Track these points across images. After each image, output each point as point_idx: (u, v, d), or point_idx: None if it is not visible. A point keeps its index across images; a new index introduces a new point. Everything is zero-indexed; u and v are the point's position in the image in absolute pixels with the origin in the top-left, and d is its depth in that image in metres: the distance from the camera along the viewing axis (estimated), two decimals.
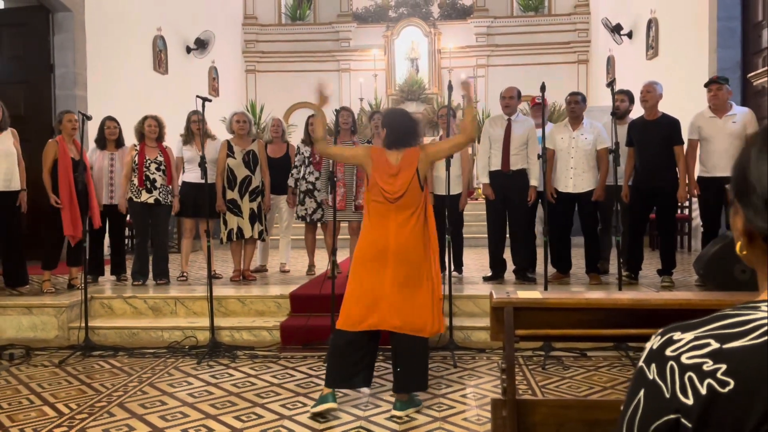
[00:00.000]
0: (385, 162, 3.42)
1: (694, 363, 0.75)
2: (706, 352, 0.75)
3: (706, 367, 0.74)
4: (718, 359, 0.74)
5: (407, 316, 3.29)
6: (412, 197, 3.38)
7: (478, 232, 7.86)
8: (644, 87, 5.31)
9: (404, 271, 3.31)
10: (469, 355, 4.35)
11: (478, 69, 13.01)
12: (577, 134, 5.35)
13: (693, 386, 0.75)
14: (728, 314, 0.79)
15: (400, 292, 3.30)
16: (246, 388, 3.74)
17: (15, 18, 7.59)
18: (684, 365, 0.76)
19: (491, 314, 1.92)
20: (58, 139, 5.38)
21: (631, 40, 10.15)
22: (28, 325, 4.93)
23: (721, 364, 0.74)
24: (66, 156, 5.31)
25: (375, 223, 3.41)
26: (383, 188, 3.38)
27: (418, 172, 3.39)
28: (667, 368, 0.77)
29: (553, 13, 13.23)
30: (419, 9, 13.63)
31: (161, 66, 9.77)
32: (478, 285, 5.48)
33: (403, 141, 3.45)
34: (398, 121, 3.53)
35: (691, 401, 0.75)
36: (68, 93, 7.53)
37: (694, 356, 0.76)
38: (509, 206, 5.47)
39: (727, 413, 0.73)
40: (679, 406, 0.75)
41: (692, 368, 0.75)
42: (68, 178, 5.26)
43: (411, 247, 3.34)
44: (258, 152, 5.85)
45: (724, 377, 0.73)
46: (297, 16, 13.91)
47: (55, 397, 3.61)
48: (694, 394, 0.75)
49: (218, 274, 5.98)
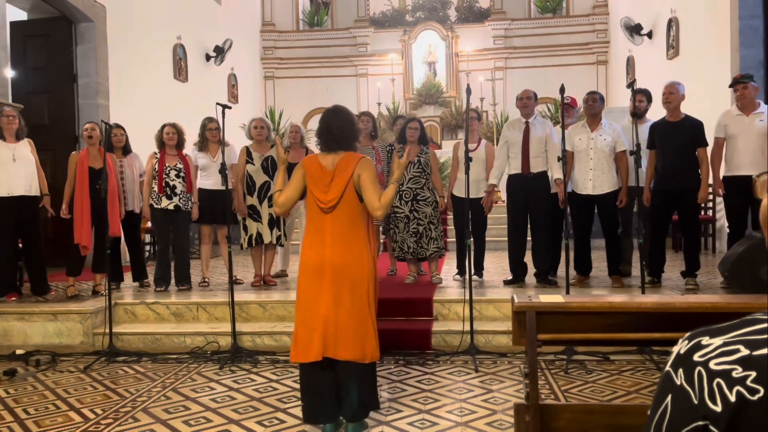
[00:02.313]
0: (318, 167, 3.11)
1: (723, 369, 0.74)
2: (736, 359, 0.74)
3: (735, 374, 0.73)
4: (747, 366, 0.73)
5: (352, 344, 2.97)
6: (349, 206, 3.05)
7: (499, 236, 7.83)
8: (666, 88, 5.24)
9: (345, 290, 3.00)
10: (491, 359, 4.33)
11: (496, 71, 12.97)
12: (596, 135, 5.29)
13: (722, 393, 0.74)
14: (758, 319, 0.78)
15: (342, 316, 2.99)
16: (268, 393, 3.75)
17: (39, 29, 7.74)
18: (713, 371, 0.75)
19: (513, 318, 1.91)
20: (83, 150, 5.51)
21: (651, 40, 10.04)
22: (54, 331, 5.01)
23: (751, 372, 0.73)
24: (82, 166, 5.42)
25: (311, 235, 3.09)
26: (317, 196, 3.07)
27: (352, 178, 3.04)
28: (695, 374, 0.76)
29: (572, 14, 13.15)
30: (436, 13, 13.63)
31: (181, 74, 9.89)
32: (499, 289, 5.45)
33: (339, 143, 3.13)
34: (336, 120, 3.18)
35: (719, 408, 0.74)
36: (91, 102, 7.65)
37: (722, 362, 0.75)
38: (530, 209, 5.43)
39: (757, 421, 0.72)
40: (708, 413, 0.75)
41: (721, 375, 0.74)
42: (82, 189, 5.36)
43: (350, 264, 3.02)
44: (277, 158, 5.87)
45: (754, 384, 0.72)
46: (315, 22, 13.99)
47: (81, 402, 3.66)
48: (722, 401, 0.74)
49: (239, 280, 6.02)
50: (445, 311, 4.98)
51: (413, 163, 5.53)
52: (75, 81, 7.67)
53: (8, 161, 5.27)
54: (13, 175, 5.27)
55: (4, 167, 5.25)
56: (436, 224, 5.54)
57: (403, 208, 5.53)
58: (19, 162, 5.31)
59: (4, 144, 5.30)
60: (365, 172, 3.05)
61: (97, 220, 5.42)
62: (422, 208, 5.51)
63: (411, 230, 5.50)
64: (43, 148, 5.67)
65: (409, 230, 5.50)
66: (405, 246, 5.54)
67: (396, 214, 5.56)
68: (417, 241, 5.51)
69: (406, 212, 5.52)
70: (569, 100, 5.77)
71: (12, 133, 5.35)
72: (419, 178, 5.53)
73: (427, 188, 5.54)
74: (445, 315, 4.97)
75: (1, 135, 5.32)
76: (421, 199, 5.51)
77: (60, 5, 7.38)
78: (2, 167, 5.25)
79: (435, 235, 5.52)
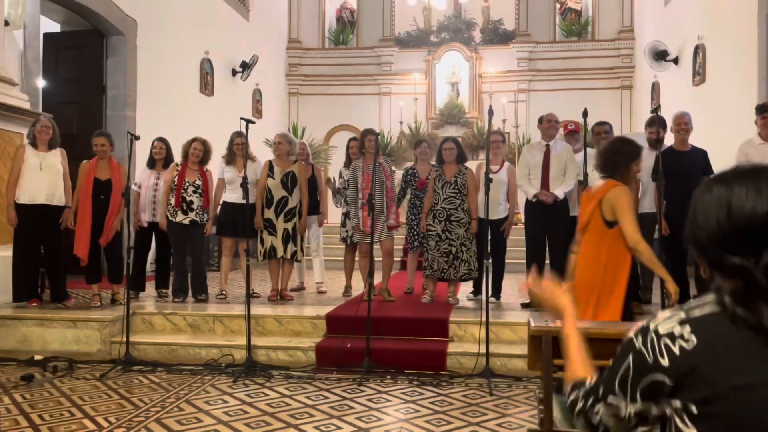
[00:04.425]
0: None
1: (668, 331, 0.96)
2: (676, 321, 0.96)
3: (676, 332, 0.95)
4: (684, 324, 0.95)
5: None
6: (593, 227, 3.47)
7: (518, 258, 7.76)
8: (684, 118, 5.26)
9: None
10: (506, 382, 4.28)
11: (519, 93, 12.96)
12: None
13: (668, 349, 0.94)
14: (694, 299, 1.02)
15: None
16: (281, 408, 3.74)
17: (71, 41, 7.93)
18: (660, 334, 0.97)
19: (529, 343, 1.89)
20: (93, 160, 5.57)
21: (677, 66, 9.98)
22: (72, 338, 5.06)
23: (687, 326, 0.94)
24: (88, 177, 5.49)
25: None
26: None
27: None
28: (648, 339, 0.98)
29: (597, 39, 13.12)
30: (461, 34, 13.69)
31: (207, 88, 10.04)
32: (516, 311, 5.40)
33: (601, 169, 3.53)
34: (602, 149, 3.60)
35: (667, 362, 0.94)
36: (119, 113, 7.79)
37: (667, 326, 0.97)
38: (550, 234, 5.40)
39: (695, 366, 0.91)
40: (659, 367, 0.95)
41: (667, 335, 0.96)
42: (85, 199, 5.43)
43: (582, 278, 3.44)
44: (298, 174, 5.92)
45: (689, 335, 0.93)
46: (340, 41, 14.13)
47: (96, 410, 3.68)
48: (669, 356, 0.94)
49: (256, 294, 6.05)
50: (461, 332, 4.94)
51: (449, 183, 5.51)
52: (104, 92, 7.83)
53: (35, 169, 5.38)
54: (37, 183, 5.37)
55: (30, 175, 5.36)
56: (469, 246, 5.47)
57: (435, 227, 5.50)
58: (46, 171, 5.41)
59: (35, 152, 5.42)
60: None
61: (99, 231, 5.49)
62: (455, 229, 5.46)
63: (442, 250, 5.46)
64: (70, 157, 5.77)
65: (440, 250, 5.47)
66: (435, 265, 5.50)
67: (429, 232, 5.55)
68: (448, 261, 5.46)
69: (438, 231, 5.48)
70: (573, 126, 5.78)
71: (45, 142, 5.46)
72: (454, 198, 5.49)
73: (461, 209, 5.48)
74: (461, 336, 4.93)
75: (34, 143, 5.44)
76: (454, 220, 5.47)
77: (93, 18, 7.56)
78: (29, 175, 5.36)
79: (466, 257, 5.45)
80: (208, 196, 5.88)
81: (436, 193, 5.53)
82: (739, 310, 0.92)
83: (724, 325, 0.92)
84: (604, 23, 13.06)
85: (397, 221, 5.85)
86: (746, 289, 0.92)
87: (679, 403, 0.93)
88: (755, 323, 0.90)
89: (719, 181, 0.98)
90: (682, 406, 0.92)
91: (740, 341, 0.90)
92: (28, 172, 5.35)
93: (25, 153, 5.40)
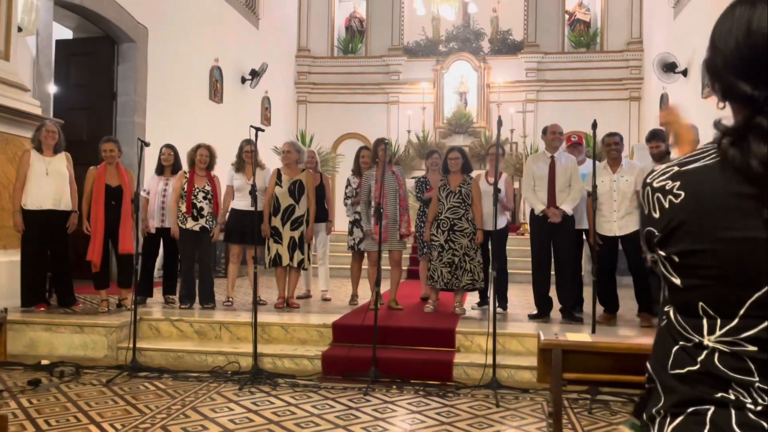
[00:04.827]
0: None
1: (660, 185, 0.96)
2: (669, 175, 0.96)
3: (668, 187, 0.95)
4: (675, 178, 0.95)
5: None
6: None
7: (524, 268, 7.74)
8: None
9: None
10: (513, 394, 4.25)
11: (527, 104, 12.96)
12: (618, 176, 5.27)
13: (659, 203, 0.96)
14: (698, 150, 0.98)
15: None
16: (286, 417, 3.73)
17: (83, 48, 7.99)
18: (654, 188, 0.97)
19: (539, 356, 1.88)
20: (101, 166, 5.59)
21: (686, 78, 9.96)
22: (80, 343, 5.07)
23: (677, 181, 0.94)
24: (98, 183, 5.51)
25: None
26: None
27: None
28: (646, 192, 0.99)
29: (606, 50, 13.12)
30: (469, 44, 13.71)
31: (216, 95, 10.08)
32: (523, 323, 5.38)
33: None
34: None
35: (658, 215, 0.96)
36: (128, 120, 7.84)
37: (660, 180, 0.97)
38: (556, 245, 5.38)
39: (683, 220, 0.92)
40: (652, 220, 0.97)
41: (659, 189, 0.96)
42: (97, 205, 5.45)
43: None
44: (305, 182, 5.93)
45: (679, 191, 0.94)
46: (349, 50, 14.19)
47: (102, 416, 3.68)
48: (660, 209, 0.96)
49: (262, 301, 6.05)
50: (468, 343, 4.92)
51: (453, 192, 5.51)
52: (114, 99, 7.88)
53: (41, 175, 5.40)
54: (43, 189, 5.39)
55: (36, 181, 5.38)
56: (472, 256, 5.46)
57: (439, 237, 5.49)
58: (52, 176, 5.43)
59: (40, 157, 5.44)
60: None
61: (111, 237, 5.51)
62: (458, 239, 5.46)
63: (445, 260, 5.46)
64: (78, 162, 5.80)
65: (443, 260, 5.46)
66: (438, 275, 5.49)
67: (432, 242, 5.54)
68: (451, 271, 5.46)
69: (441, 241, 5.48)
70: (576, 138, 5.78)
71: (50, 147, 5.49)
72: (458, 208, 5.49)
73: (465, 219, 5.49)
74: (468, 347, 4.91)
75: (39, 148, 5.47)
76: (458, 230, 5.47)
77: (105, 26, 7.62)
78: (35, 181, 5.37)
79: (470, 267, 5.45)
80: (218, 202, 5.90)
81: (441, 203, 5.54)
82: (731, 151, 0.90)
83: (714, 178, 0.91)
84: (613, 34, 13.06)
85: (408, 230, 5.86)
86: (746, 125, 0.90)
87: (663, 253, 0.96)
88: (743, 164, 0.88)
89: (743, 1, 0.94)
90: (665, 255, 0.95)
91: (728, 196, 0.89)
92: (34, 177, 5.37)
93: (31, 158, 5.42)
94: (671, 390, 0.95)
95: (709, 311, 0.92)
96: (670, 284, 0.97)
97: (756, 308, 0.88)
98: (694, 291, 0.93)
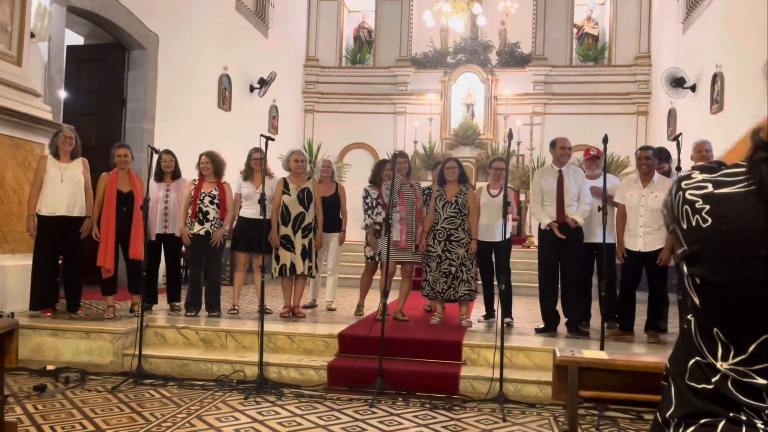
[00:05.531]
0: None
1: (691, 199, 0.96)
2: (702, 194, 0.96)
3: (698, 206, 0.95)
4: (706, 201, 0.95)
5: None
6: None
7: (529, 282, 7.71)
8: (705, 145, 5.28)
9: None
10: (520, 409, 4.22)
11: (534, 116, 12.98)
12: (647, 192, 5.17)
13: (687, 217, 0.96)
14: (739, 164, 0.97)
15: None
16: (292, 427, 3.71)
17: (93, 54, 8.04)
18: (686, 199, 0.97)
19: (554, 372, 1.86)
20: (112, 173, 5.61)
21: (695, 94, 9.96)
22: (85, 349, 5.06)
23: (707, 205, 0.94)
24: (110, 188, 5.52)
25: None
26: None
27: None
28: (678, 196, 0.99)
29: (613, 64, 13.13)
30: (477, 56, 13.75)
31: (225, 103, 10.12)
32: (530, 336, 5.35)
33: None
34: None
35: (686, 227, 0.97)
36: (137, 126, 7.87)
37: (693, 194, 0.97)
38: (563, 258, 5.36)
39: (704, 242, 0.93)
40: (678, 225, 0.98)
41: (688, 203, 0.97)
42: (108, 211, 5.45)
43: None
44: (313, 190, 5.94)
45: (707, 216, 0.94)
46: (357, 60, 14.24)
47: (107, 423, 3.66)
48: (687, 223, 0.96)
49: (268, 310, 6.03)
50: (474, 356, 4.90)
51: (450, 203, 5.53)
52: (124, 105, 7.91)
53: (56, 181, 5.41)
54: (58, 195, 5.41)
55: (51, 186, 5.39)
56: (469, 266, 5.49)
57: (435, 247, 5.51)
58: (66, 182, 5.45)
59: (56, 163, 5.46)
60: None
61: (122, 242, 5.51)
62: (455, 249, 5.48)
63: (442, 270, 5.48)
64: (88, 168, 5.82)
65: (441, 270, 5.48)
66: (437, 286, 5.51)
67: (429, 252, 5.55)
68: (448, 282, 5.47)
69: (438, 252, 5.50)
70: (594, 151, 5.74)
71: (67, 153, 5.51)
72: (454, 218, 5.51)
73: (462, 229, 5.51)
74: (474, 360, 4.89)
75: (56, 154, 5.48)
76: (454, 240, 5.49)
77: (116, 33, 7.67)
78: (50, 186, 5.39)
79: (466, 278, 5.47)
80: (225, 207, 5.90)
81: (437, 213, 5.55)
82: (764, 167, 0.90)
83: (744, 210, 0.91)
84: (621, 49, 13.08)
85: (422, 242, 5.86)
86: None
87: (686, 271, 0.97)
88: None
89: None
90: (688, 274, 0.97)
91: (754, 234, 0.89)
92: (50, 183, 5.39)
93: (47, 164, 5.44)
94: (685, 399, 0.97)
95: (722, 338, 0.94)
96: (691, 301, 0.98)
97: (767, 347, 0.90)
98: (711, 316, 0.95)
